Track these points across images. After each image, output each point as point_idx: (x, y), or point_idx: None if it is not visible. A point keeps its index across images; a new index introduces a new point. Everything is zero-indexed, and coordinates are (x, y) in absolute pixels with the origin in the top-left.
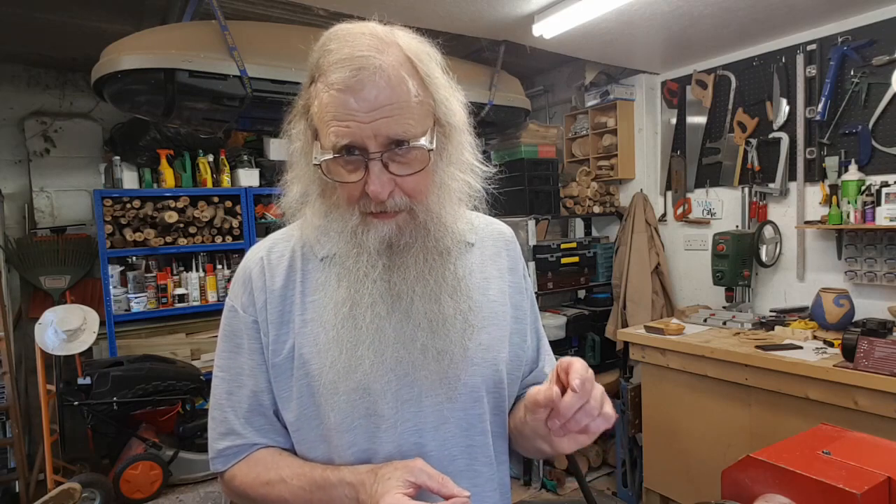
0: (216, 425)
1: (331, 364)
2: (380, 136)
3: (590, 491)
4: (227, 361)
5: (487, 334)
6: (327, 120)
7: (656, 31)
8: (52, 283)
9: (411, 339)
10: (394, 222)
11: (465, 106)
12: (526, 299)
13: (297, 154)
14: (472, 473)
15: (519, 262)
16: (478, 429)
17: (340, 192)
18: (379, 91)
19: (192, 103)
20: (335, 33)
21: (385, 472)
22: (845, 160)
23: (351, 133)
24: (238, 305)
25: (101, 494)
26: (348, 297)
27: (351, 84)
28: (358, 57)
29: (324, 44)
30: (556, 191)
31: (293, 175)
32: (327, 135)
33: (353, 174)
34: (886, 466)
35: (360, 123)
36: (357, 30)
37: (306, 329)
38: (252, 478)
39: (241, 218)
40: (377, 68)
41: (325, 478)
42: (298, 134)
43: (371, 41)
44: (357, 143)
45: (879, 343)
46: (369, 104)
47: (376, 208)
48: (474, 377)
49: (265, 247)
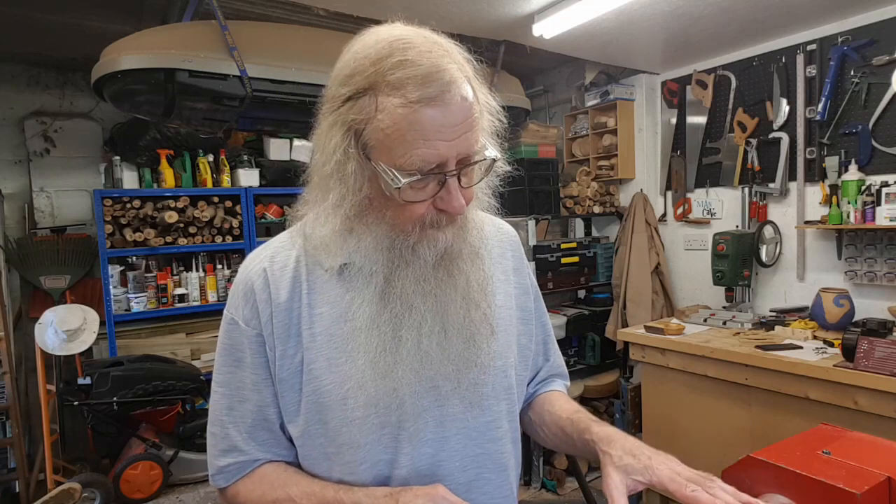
0: (216, 441)
1: (355, 382)
2: (460, 153)
3: (590, 491)
4: (228, 377)
5: (496, 340)
6: (410, 140)
7: (656, 31)
8: (52, 283)
9: (447, 352)
10: (451, 231)
11: (495, 108)
12: (531, 299)
13: (342, 174)
14: (483, 482)
15: (523, 261)
16: (488, 436)
17: (399, 210)
18: (462, 106)
19: (192, 103)
20: (401, 40)
21: (406, 500)
22: (845, 160)
23: (439, 155)
24: (239, 318)
25: (101, 494)
26: (391, 316)
27: (440, 100)
28: (442, 71)
29: (389, 54)
30: (556, 191)
31: (336, 195)
32: (407, 155)
33: (424, 192)
34: (886, 466)
35: (447, 143)
36: (424, 38)
37: (315, 343)
38: (257, 496)
39: (241, 218)
40: (459, 82)
41: (339, 499)
42: (345, 152)
43: (440, 50)
44: (441, 163)
45: (879, 343)
46: (455, 119)
47: (447, 223)
48: (488, 384)
49: (267, 256)
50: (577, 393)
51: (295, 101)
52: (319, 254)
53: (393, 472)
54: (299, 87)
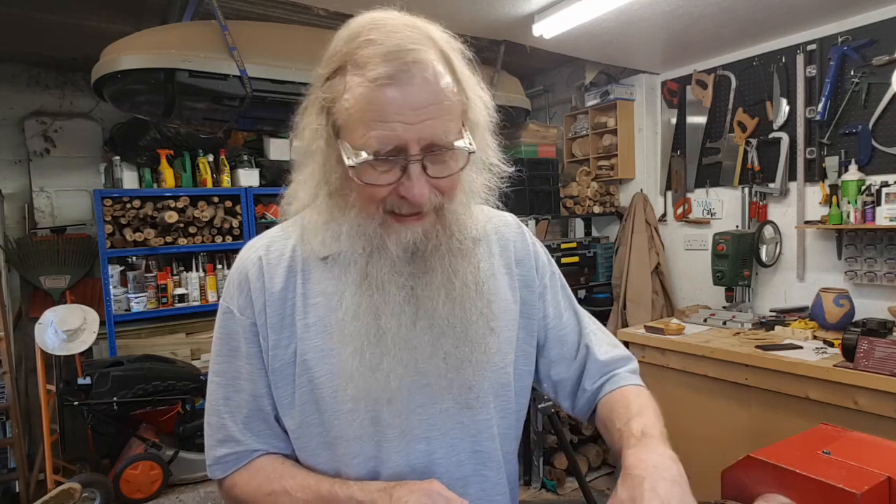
0: (213, 432)
1: (345, 374)
2: (423, 139)
3: (590, 491)
4: (223, 366)
5: (496, 337)
6: (367, 119)
7: (656, 31)
8: (52, 283)
9: (435, 348)
10: (419, 226)
11: (489, 104)
12: (534, 292)
13: (311, 152)
14: (480, 479)
15: (528, 251)
16: (485, 434)
17: (360, 192)
18: (426, 89)
19: (192, 103)
20: (373, 22)
21: (400, 495)
22: (845, 160)
23: (397, 137)
24: (234, 307)
25: (101, 494)
26: (371, 305)
27: (400, 80)
28: (408, 50)
29: (359, 33)
30: (556, 191)
31: (304, 174)
32: (365, 136)
33: (386, 175)
34: (886, 466)
35: (407, 125)
36: (398, 20)
37: (309, 334)
38: (253, 487)
39: (241, 218)
40: (426, 63)
41: (333, 493)
42: (315, 130)
43: (413, 33)
44: (400, 146)
45: (879, 343)
46: (416, 103)
47: (409, 210)
48: (484, 382)
49: (262, 245)
50: None
51: (295, 101)
52: (314, 242)
53: (385, 467)
54: (299, 87)
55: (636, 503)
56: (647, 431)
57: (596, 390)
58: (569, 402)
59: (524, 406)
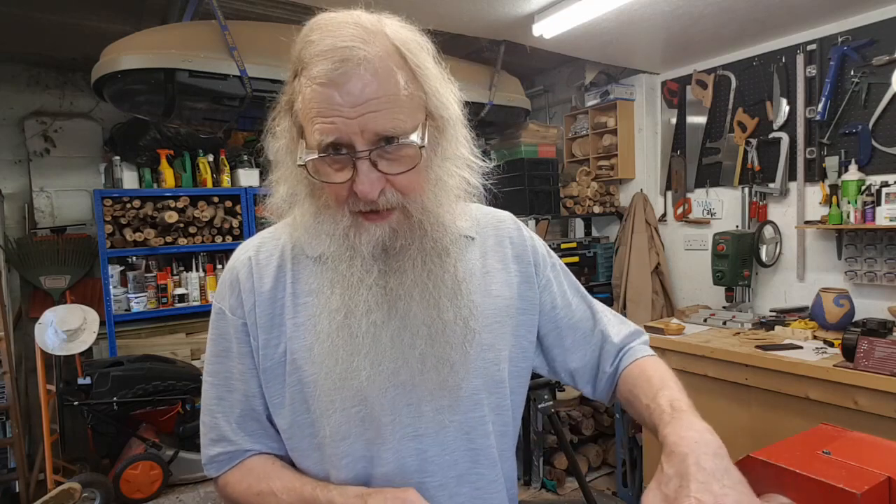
0: (207, 431)
1: (325, 374)
2: (367, 133)
3: (590, 491)
4: (216, 366)
5: (490, 333)
6: (311, 116)
7: (656, 31)
8: (52, 283)
9: (409, 347)
10: (387, 224)
11: (460, 98)
12: (534, 288)
13: (283, 153)
14: (476, 476)
15: (525, 247)
16: (479, 431)
17: (328, 193)
18: (365, 84)
19: (192, 103)
20: (317, 23)
21: (375, 502)
22: (845, 160)
23: (336, 129)
24: (226, 308)
25: (101, 494)
26: (342, 304)
27: (334, 77)
28: (341, 48)
29: (306, 34)
30: (556, 191)
31: (279, 175)
32: (312, 132)
33: (340, 173)
34: (886, 466)
35: (346, 119)
36: (341, 18)
37: (298, 333)
38: (244, 487)
39: (241, 218)
40: (362, 60)
41: (315, 496)
42: (283, 131)
43: (355, 31)
44: (343, 141)
45: (879, 343)
46: (354, 98)
47: (366, 207)
48: (475, 381)
49: (253, 246)
50: (577, 393)
51: None
52: (302, 242)
53: (376, 467)
54: None
55: (684, 479)
56: (675, 405)
57: (614, 371)
58: (589, 387)
59: (521, 402)
